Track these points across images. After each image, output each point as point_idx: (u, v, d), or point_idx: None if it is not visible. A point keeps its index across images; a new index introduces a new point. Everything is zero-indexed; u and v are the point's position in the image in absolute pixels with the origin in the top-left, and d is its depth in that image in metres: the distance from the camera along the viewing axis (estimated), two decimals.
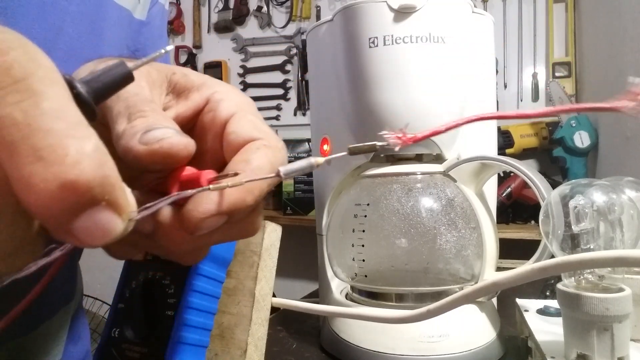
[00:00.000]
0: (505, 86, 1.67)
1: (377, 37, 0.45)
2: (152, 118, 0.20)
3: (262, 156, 0.20)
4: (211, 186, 0.19)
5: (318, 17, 1.96)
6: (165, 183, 0.21)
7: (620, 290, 0.32)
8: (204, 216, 0.19)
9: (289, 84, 2.05)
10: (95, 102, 0.17)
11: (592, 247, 0.33)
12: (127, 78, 0.18)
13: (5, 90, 0.13)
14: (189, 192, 0.19)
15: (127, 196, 0.15)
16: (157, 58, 0.19)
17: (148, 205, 0.17)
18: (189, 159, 0.20)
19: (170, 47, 0.20)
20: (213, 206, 0.19)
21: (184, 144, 0.19)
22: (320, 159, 0.19)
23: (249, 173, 0.19)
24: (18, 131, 0.12)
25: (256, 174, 0.19)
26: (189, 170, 0.21)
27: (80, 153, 0.13)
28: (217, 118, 0.23)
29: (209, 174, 0.20)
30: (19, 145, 0.12)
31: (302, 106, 2.03)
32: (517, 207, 1.41)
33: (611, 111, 0.19)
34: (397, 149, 0.21)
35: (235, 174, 0.19)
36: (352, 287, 0.51)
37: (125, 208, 0.15)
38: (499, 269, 0.47)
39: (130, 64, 0.18)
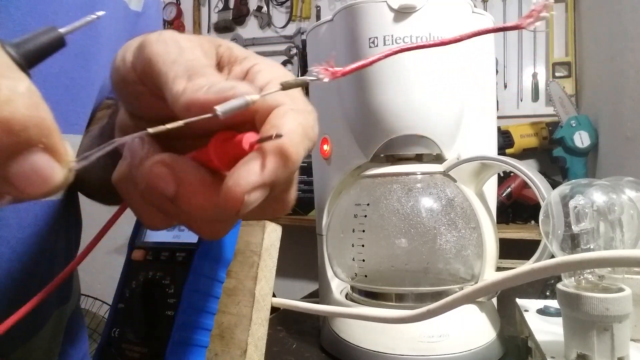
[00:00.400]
0: (505, 86, 1.67)
1: (377, 37, 0.45)
2: (213, 77, 0.20)
3: (291, 120, 0.19)
4: (149, 130, 0.18)
5: (318, 17, 1.96)
6: (206, 149, 0.20)
7: (620, 290, 0.32)
8: (247, 189, 0.18)
9: None
10: (28, 65, 0.17)
11: (592, 247, 0.33)
12: (58, 42, 0.18)
13: None
14: (127, 137, 0.18)
15: (65, 144, 0.15)
16: (89, 23, 0.19)
17: (86, 154, 0.16)
18: (252, 117, 0.20)
19: (101, 13, 0.21)
20: (255, 177, 0.18)
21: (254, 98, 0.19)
22: (255, 95, 0.18)
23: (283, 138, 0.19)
24: None
25: (290, 138, 0.19)
26: (230, 134, 0.20)
27: (13, 91, 0.13)
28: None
29: (251, 136, 0.19)
30: None
31: None
32: (517, 207, 1.41)
33: (515, 29, 0.19)
34: (326, 80, 0.20)
35: (278, 136, 0.18)
36: (352, 287, 0.51)
37: (64, 154, 0.14)
38: (499, 269, 0.47)
39: (61, 29, 0.18)
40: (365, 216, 0.46)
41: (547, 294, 0.63)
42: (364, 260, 0.46)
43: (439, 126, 0.46)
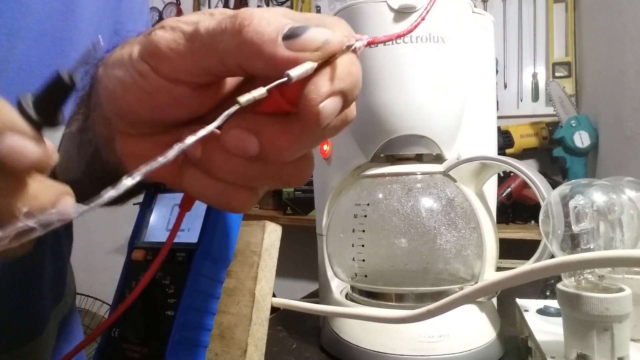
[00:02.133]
0: (505, 86, 1.67)
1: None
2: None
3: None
4: (240, 99, 0.18)
5: None
6: (271, 97, 0.20)
7: (620, 290, 0.32)
8: (323, 97, 0.19)
9: None
10: (40, 112, 0.18)
11: (592, 247, 0.33)
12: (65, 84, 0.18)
13: None
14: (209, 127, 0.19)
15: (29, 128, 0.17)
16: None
17: (153, 163, 0.17)
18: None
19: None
20: (326, 86, 0.19)
21: None
22: (314, 64, 0.19)
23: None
24: None
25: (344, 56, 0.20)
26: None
27: None
28: None
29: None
30: None
31: None
32: (517, 207, 1.41)
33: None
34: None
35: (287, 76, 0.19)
36: (352, 287, 0.51)
37: (28, 130, 0.17)
38: (499, 269, 0.47)
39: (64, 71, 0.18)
40: (365, 216, 0.46)
41: (547, 294, 0.63)
42: (364, 260, 0.46)
43: (439, 126, 0.46)
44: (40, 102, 0.18)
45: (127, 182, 0.16)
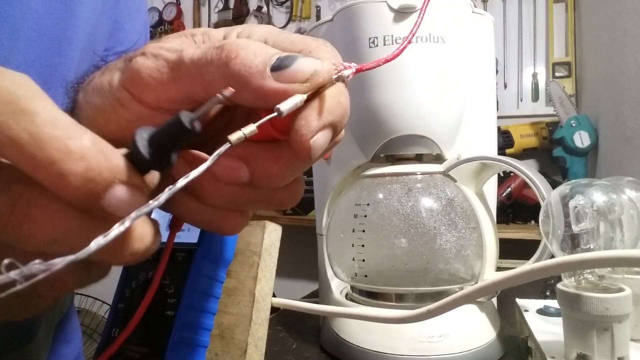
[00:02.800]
0: (505, 86, 1.67)
1: (377, 37, 0.45)
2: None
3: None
4: (231, 138, 0.18)
5: (318, 17, 1.96)
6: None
7: (620, 290, 0.32)
8: (313, 132, 0.19)
9: None
10: (155, 152, 0.17)
11: (592, 247, 0.33)
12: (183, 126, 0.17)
13: (1, 116, 0.15)
14: (208, 161, 0.18)
15: (135, 174, 0.17)
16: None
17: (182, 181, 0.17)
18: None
19: None
20: (316, 121, 0.19)
21: None
22: (304, 96, 0.19)
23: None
24: (30, 146, 0.15)
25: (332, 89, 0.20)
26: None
27: (81, 147, 0.15)
28: None
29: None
30: (35, 157, 0.15)
31: None
32: (517, 207, 1.41)
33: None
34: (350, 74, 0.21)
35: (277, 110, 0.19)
36: (352, 287, 0.51)
37: (136, 180, 0.17)
38: (499, 269, 0.47)
39: (186, 116, 0.18)
40: (365, 216, 0.46)
41: (547, 294, 0.63)
42: (364, 260, 0.46)
43: (439, 126, 0.46)
44: (155, 140, 0.17)
45: (117, 230, 0.15)
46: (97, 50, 0.29)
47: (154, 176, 0.20)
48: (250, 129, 0.18)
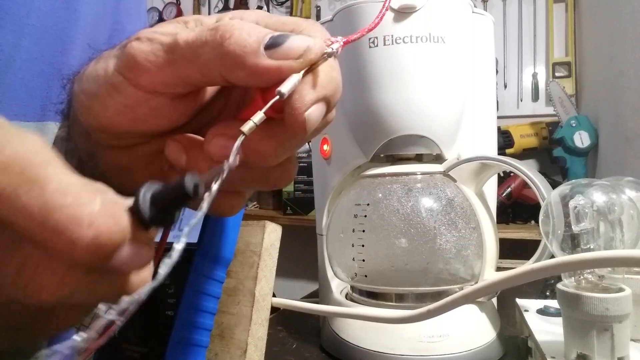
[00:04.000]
0: (505, 86, 1.68)
1: (377, 37, 0.45)
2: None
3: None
4: (244, 130, 0.19)
5: (318, 17, 1.96)
6: (255, 104, 0.21)
7: (620, 290, 0.32)
8: (308, 106, 0.19)
9: None
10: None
11: (592, 247, 0.33)
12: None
13: (12, 185, 0.15)
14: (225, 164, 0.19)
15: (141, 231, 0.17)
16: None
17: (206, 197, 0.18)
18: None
19: None
20: (310, 95, 0.19)
21: None
22: (299, 74, 0.19)
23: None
24: (41, 216, 0.15)
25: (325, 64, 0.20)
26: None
27: (91, 214, 0.15)
28: None
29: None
30: (45, 226, 0.15)
31: None
32: (517, 207, 1.41)
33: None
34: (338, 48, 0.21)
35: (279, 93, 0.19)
36: (352, 287, 0.51)
37: (142, 236, 0.17)
38: (499, 269, 0.47)
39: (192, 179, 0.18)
40: (365, 216, 0.46)
41: (547, 294, 0.63)
42: (364, 260, 0.46)
43: (439, 126, 0.46)
44: (158, 201, 0.17)
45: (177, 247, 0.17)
46: (98, 51, 0.29)
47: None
48: (259, 116, 0.19)
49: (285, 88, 0.19)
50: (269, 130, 0.21)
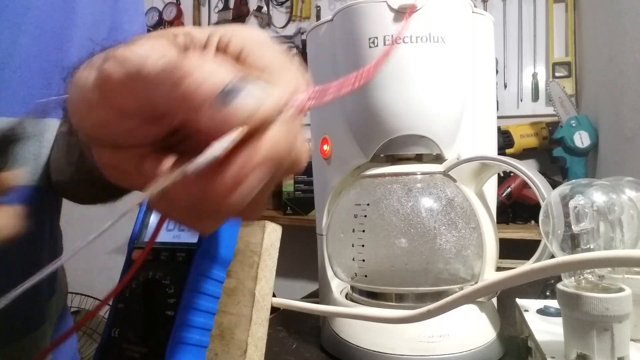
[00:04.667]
0: (505, 86, 1.67)
1: (377, 37, 0.45)
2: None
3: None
4: (208, 154, 0.18)
5: (318, 17, 1.96)
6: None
7: (620, 290, 0.32)
8: (245, 175, 0.19)
9: None
10: None
11: (592, 247, 0.33)
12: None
13: None
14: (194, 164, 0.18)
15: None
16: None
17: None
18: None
19: None
20: (248, 162, 0.19)
21: None
22: (242, 129, 0.18)
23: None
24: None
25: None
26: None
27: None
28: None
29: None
30: None
31: None
32: (517, 207, 1.41)
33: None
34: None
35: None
36: (352, 287, 0.51)
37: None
38: (499, 269, 0.47)
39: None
40: (365, 216, 0.46)
41: (547, 294, 0.63)
42: (364, 260, 0.46)
43: (439, 126, 0.46)
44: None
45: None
46: (96, 50, 0.29)
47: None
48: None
49: (218, 147, 0.18)
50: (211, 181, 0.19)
